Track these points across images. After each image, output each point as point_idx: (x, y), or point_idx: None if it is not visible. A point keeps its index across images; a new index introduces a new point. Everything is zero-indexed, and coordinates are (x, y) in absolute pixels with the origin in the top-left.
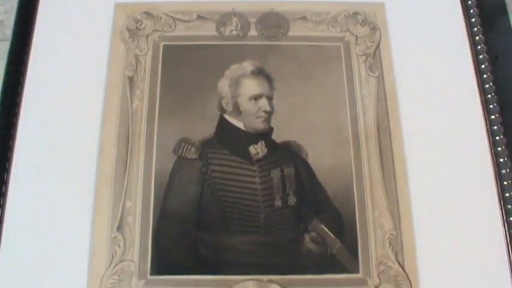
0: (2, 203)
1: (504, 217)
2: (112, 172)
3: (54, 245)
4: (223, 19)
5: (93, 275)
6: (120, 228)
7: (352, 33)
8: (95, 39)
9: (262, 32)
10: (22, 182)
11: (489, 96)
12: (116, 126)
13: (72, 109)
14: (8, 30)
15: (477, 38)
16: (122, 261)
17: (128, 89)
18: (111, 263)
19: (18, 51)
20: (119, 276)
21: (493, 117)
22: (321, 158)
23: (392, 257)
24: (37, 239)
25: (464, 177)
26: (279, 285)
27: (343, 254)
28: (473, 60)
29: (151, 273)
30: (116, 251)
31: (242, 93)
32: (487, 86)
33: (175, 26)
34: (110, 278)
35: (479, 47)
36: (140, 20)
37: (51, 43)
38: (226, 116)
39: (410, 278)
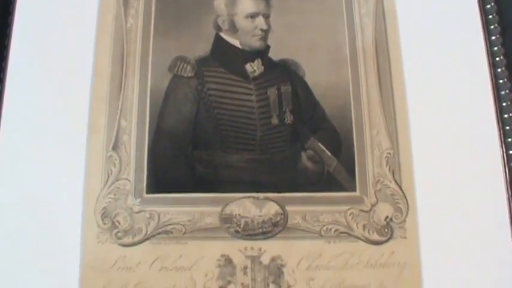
0: None
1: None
2: (107, 91)
3: (49, 165)
4: None
5: (89, 194)
6: (115, 147)
7: None
8: None
9: None
10: (17, 102)
11: (490, 17)
12: (111, 45)
13: (66, 28)
14: None
15: None
16: (117, 180)
17: (122, 7)
18: (106, 182)
19: None
20: (114, 195)
21: (493, 38)
22: (318, 76)
23: (390, 175)
24: (32, 159)
25: (463, 94)
26: (276, 202)
27: (340, 172)
28: None
29: (147, 192)
30: (111, 170)
31: (238, 11)
32: (488, 6)
33: None
34: (106, 197)
35: None
36: None
37: None
38: (222, 34)
39: (407, 196)
